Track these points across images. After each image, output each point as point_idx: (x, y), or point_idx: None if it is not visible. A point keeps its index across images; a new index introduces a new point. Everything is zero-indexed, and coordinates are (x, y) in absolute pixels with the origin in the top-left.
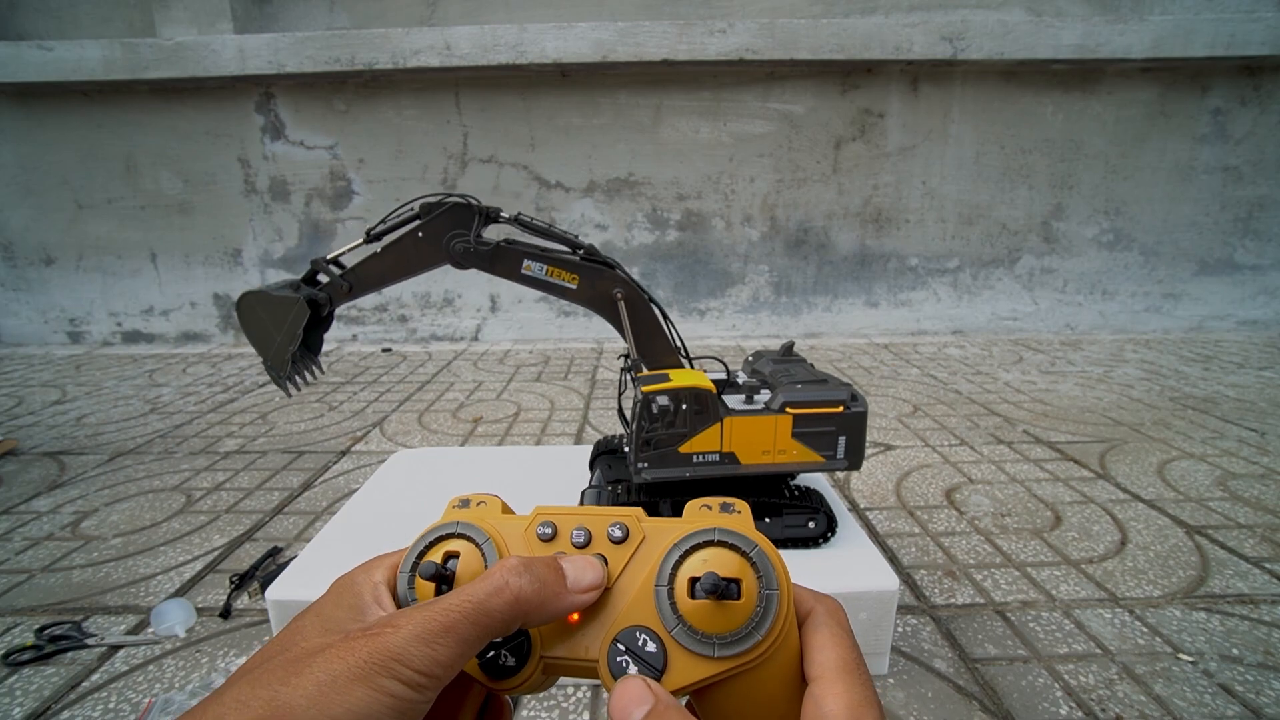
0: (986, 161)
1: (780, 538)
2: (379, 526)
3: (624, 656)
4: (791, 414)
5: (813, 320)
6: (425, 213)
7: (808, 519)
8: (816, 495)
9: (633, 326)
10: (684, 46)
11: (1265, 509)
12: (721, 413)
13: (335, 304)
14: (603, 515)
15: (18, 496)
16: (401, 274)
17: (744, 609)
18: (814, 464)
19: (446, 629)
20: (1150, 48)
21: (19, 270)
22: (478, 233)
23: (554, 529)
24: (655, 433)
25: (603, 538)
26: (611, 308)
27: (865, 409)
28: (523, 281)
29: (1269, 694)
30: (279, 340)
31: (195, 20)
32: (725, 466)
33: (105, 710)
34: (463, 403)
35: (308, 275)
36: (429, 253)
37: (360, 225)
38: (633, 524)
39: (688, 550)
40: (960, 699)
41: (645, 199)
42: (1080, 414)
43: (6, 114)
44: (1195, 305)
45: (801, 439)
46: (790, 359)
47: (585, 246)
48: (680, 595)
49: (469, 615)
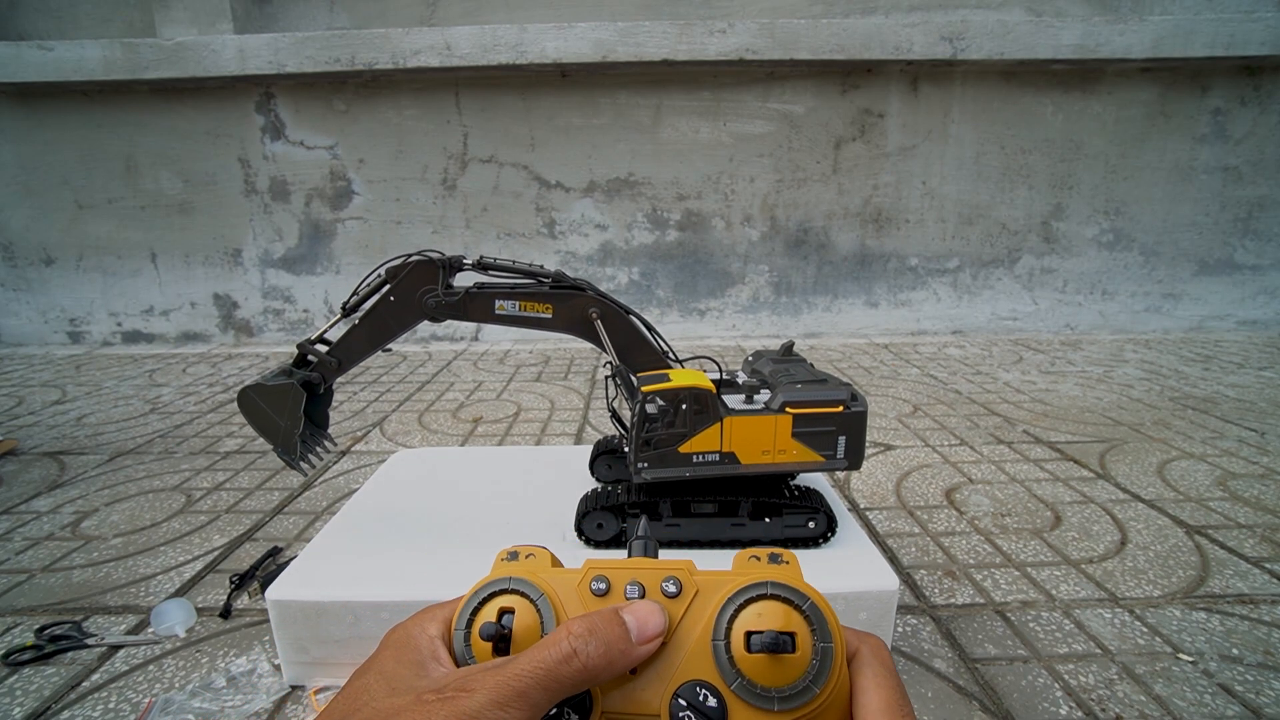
0: (986, 161)
1: (780, 537)
2: (379, 526)
3: (686, 712)
4: (791, 414)
5: (813, 320)
6: (392, 276)
7: (808, 519)
8: (816, 495)
9: (613, 340)
10: (684, 46)
11: (1265, 509)
12: (722, 412)
13: (328, 381)
14: (655, 569)
15: (18, 496)
16: (383, 339)
17: (800, 662)
18: (814, 464)
19: (520, 695)
20: (1150, 48)
21: (19, 270)
22: (446, 284)
23: (608, 584)
24: (655, 433)
25: (656, 592)
26: (589, 328)
27: (865, 409)
28: (499, 322)
29: (1269, 694)
30: (284, 426)
31: (195, 20)
32: (725, 466)
33: (105, 710)
34: (463, 403)
35: (298, 359)
36: (403, 313)
37: (360, 225)
38: (685, 578)
39: (741, 604)
40: (960, 699)
41: (645, 199)
42: (1080, 414)
43: (6, 114)
44: (1195, 305)
45: (801, 439)
46: (790, 359)
47: (553, 274)
48: (737, 649)
49: (540, 682)
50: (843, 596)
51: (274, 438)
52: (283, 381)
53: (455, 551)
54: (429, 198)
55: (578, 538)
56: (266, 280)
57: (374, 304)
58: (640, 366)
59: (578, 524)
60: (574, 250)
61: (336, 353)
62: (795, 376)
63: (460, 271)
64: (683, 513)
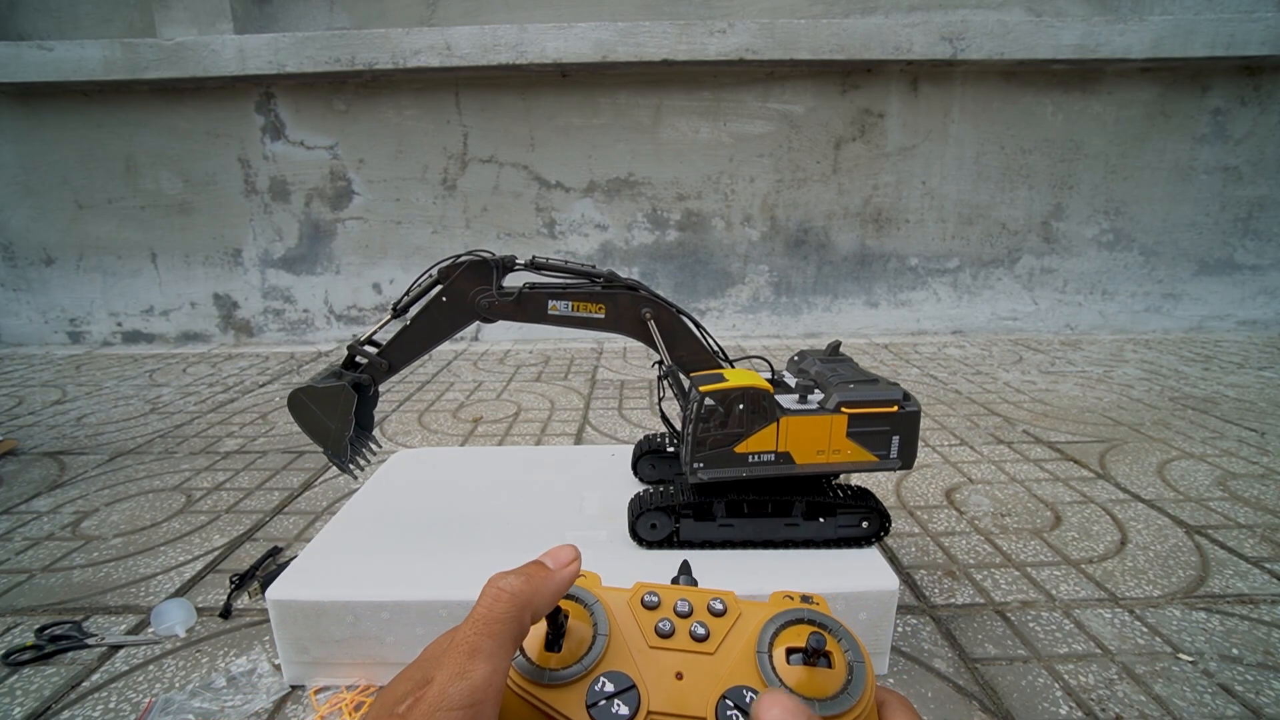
0: (986, 161)
1: (834, 537)
2: (379, 526)
3: (733, 712)
4: (847, 414)
5: (813, 320)
6: (444, 276)
7: (861, 518)
8: (870, 495)
9: (665, 340)
10: (684, 46)
11: (1265, 509)
12: (778, 413)
13: (377, 383)
14: (702, 593)
15: (18, 496)
16: (435, 340)
17: (836, 676)
18: (868, 463)
19: (471, 654)
20: (1150, 48)
21: (19, 270)
22: (499, 285)
23: (659, 598)
24: (710, 433)
25: (703, 609)
26: (642, 328)
27: (919, 409)
28: (552, 322)
29: (1269, 694)
30: (334, 429)
31: (195, 20)
32: (780, 466)
33: (105, 710)
34: (463, 403)
35: (346, 360)
36: (456, 314)
37: (360, 225)
38: (730, 601)
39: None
40: (960, 699)
41: (645, 199)
42: (1080, 414)
43: (6, 114)
44: (1195, 305)
45: (856, 438)
46: (837, 358)
47: (605, 274)
48: (779, 663)
49: (481, 630)
50: (843, 596)
51: (324, 440)
52: (333, 384)
53: (455, 551)
54: (429, 198)
55: (631, 538)
56: (267, 280)
57: (426, 304)
58: (692, 366)
59: (631, 526)
60: (574, 250)
61: (387, 354)
62: (845, 377)
63: (511, 271)
64: (736, 513)
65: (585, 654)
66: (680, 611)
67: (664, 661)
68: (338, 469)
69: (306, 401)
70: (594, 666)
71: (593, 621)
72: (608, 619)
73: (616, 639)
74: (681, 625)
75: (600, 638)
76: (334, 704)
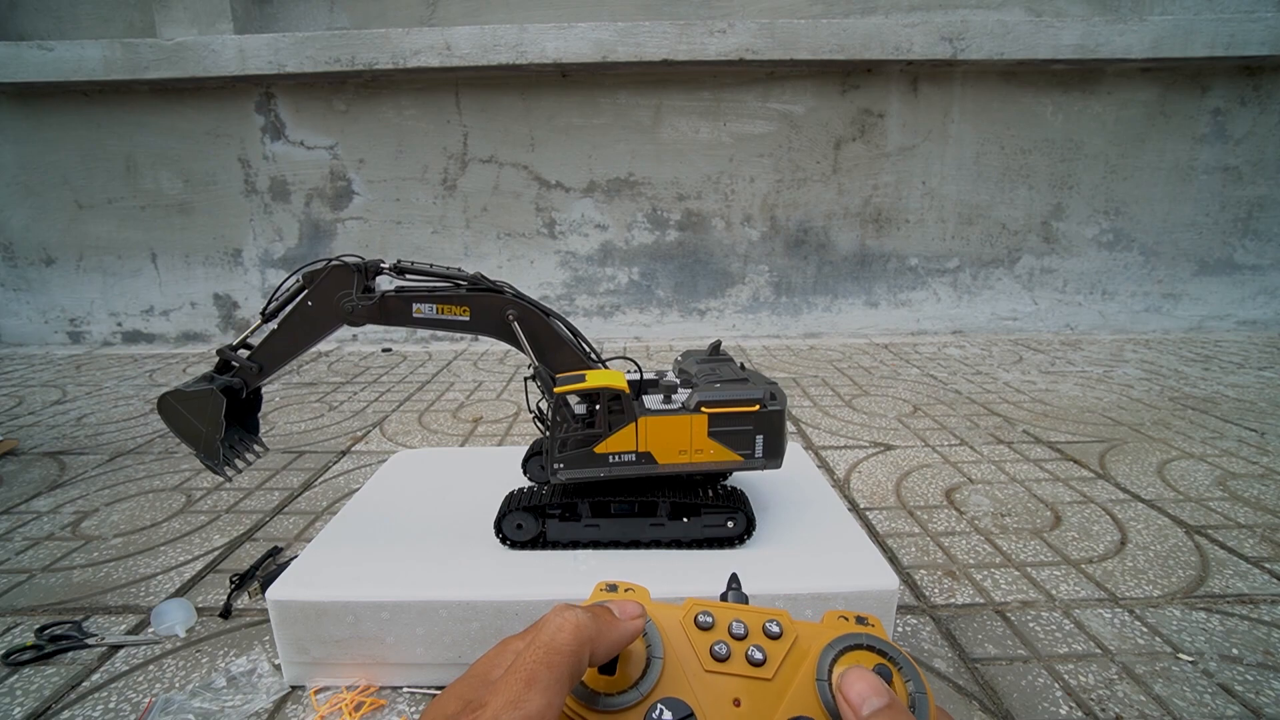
0: (986, 161)
1: (700, 537)
2: (379, 526)
3: None
4: (707, 413)
5: (813, 320)
6: (309, 281)
7: (726, 518)
8: (739, 495)
9: (531, 343)
10: (684, 46)
11: (1265, 509)
12: (638, 412)
13: (250, 386)
14: (755, 613)
15: (18, 496)
16: (303, 344)
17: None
18: (733, 463)
19: (528, 683)
20: (1150, 48)
21: (19, 270)
22: (362, 288)
23: (713, 619)
24: (571, 433)
25: (759, 631)
26: (507, 330)
27: (782, 407)
28: (418, 325)
29: (1269, 694)
30: (205, 432)
31: (195, 20)
32: (642, 466)
33: (105, 710)
34: (463, 403)
35: (219, 365)
36: (322, 318)
37: (360, 225)
38: (786, 622)
39: (841, 650)
40: (960, 699)
41: (645, 199)
42: (1080, 414)
43: (6, 114)
44: (1195, 305)
45: (718, 438)
46: (717, 358)
47: (471, 277)
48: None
49: (542, 660)
50: (843, 596)
51: (195, 443)
52: (203, 388)
53: (455, 551)
54: (429, 198)
55: (495, 536)
56: (267, 280)
57: (292, 309)
58: (561, 368)
59: (497, 524)
60: (574, 250)
61: (258, 358)
62: (717, 375)
63: (379, 275)
64: (602, 513)
65: (641, 679)
66: (735, 634)
67: (720, 687)
68: (211, 471)
69: (176, 405)
70: (650, 692)
71: (647, 643)
72: (661, 640)
73: (672, 662)
74: (737, 648)
75: (655, 660)
76: (334, 704)
